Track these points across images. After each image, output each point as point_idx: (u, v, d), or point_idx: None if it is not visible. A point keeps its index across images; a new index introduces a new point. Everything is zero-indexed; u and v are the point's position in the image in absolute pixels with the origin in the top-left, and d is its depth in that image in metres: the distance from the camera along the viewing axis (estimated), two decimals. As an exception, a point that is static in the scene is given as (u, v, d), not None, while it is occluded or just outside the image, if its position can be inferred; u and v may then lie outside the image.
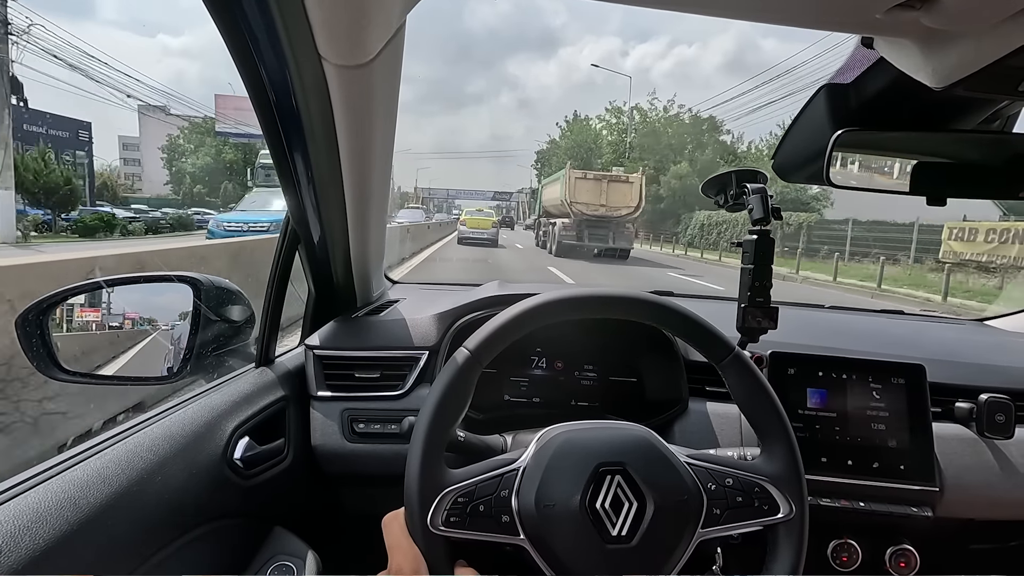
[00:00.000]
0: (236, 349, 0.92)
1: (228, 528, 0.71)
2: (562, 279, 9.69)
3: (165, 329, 0.91)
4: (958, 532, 0.94)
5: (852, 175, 0.79)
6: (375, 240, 0.99)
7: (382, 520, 0.54)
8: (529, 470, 0.55)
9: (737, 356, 0.59)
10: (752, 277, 0.80)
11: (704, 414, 0.91)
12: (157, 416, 0.70)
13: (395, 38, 0.60)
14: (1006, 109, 0.67)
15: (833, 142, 0.66)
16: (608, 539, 0.52)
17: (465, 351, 0.57)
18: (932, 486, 0.84)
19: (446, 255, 15.36)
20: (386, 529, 0.53)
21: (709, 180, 0.88)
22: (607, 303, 0.61)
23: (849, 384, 0.88)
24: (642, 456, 0.56)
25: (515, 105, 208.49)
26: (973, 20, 0.46)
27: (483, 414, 0.95)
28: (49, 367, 0.77)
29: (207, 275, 0.88)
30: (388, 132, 0.79)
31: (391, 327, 1.01)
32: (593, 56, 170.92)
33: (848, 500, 0.83)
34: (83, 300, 0.89)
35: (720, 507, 0.55)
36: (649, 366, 0.99)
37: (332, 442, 0.91)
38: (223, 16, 0.55)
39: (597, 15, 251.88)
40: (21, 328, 0.75)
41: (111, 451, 0.59)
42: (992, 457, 0.88)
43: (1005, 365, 1.02)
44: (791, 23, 0.56)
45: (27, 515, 0.48)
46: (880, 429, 0.86)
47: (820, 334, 1.14)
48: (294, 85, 0.62)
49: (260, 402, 0.83)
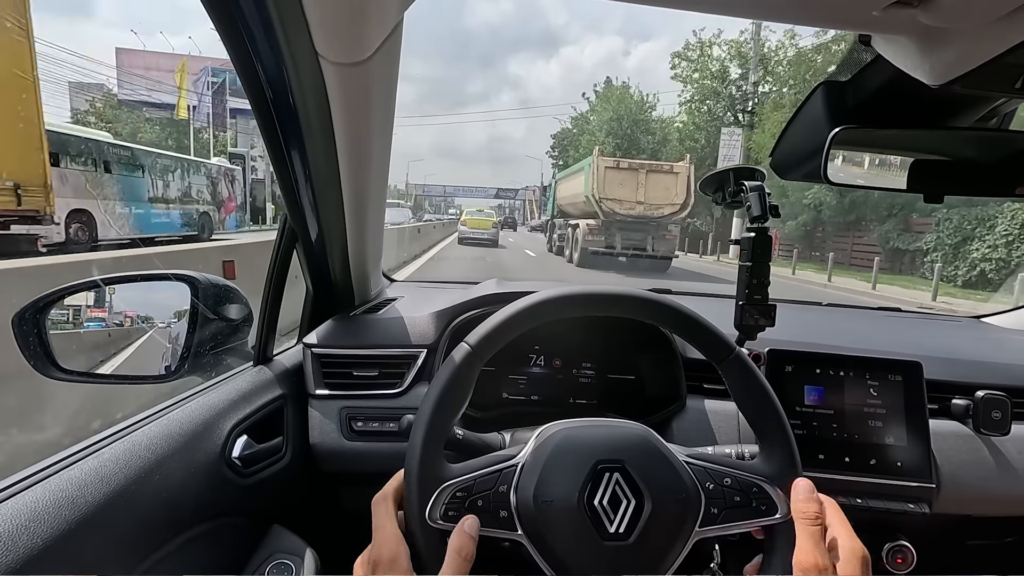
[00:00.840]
0: (234, 347, 0.92)
1: (226, 526, 0.71)
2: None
3: (162, 327, 0.91)
4: (955, 528, 0.94)
5: (849, 172, 0.79)
6: (373, 238, 0.99)
7: (372, 499, 0.54)
8: (528, 466, 0.55)
9: (738, 356, 0.59)
10: (750, 275, 0.80)
11: (702, 411, 0.92)
12: (155, 415, 0.70)
13: (392, 35, 0.60)
14: (1003, 106, 0.67)
15: (831, 139, 0.66)
16: (605, 536, 0.52)
17: (466, 346, 0.56)
18: (929, 483, 0.84)
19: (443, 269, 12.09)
20: (374, 509, 0.53)
21: (707, 178, 0.88)
22: (608, 301, 0.61)
23: (846, 381, 0.89)
24: (641, 454, 0.56)
25: (516, 104, 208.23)
26: (970, 17, 0.46)
27: (481, 412, 0.95)
28: (46, 366, 0.77)
29: (204, 273, 0.88)
30: (386, 130, 0.79)
31: (389, 325, 1.01)
32: (595, 56, 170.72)
33: (845, 497, 0.83)
34: (81, 298, 0.89)
35: (718, 507, 0.55)
36: (647, 364, 1.00)
37: (330, 440, 0.91)
38: (220, 14, 0.55)
39: (598, 14, 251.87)
40: (18, 327, 0.75)
41: (109, 450, 0.59)
42: (988, 454, 0.89)
43: (1002, 362, 1.02)
44: (789, 20, 0.56)
45: (25, 514, 0.48)
46: (877, 426, 0.87)
47: (817, 331, 1.14)
48: (291, 83, 0.62)
49: (258, 400, 0.83)
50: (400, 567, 0.47)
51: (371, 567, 0.48)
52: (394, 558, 0.47)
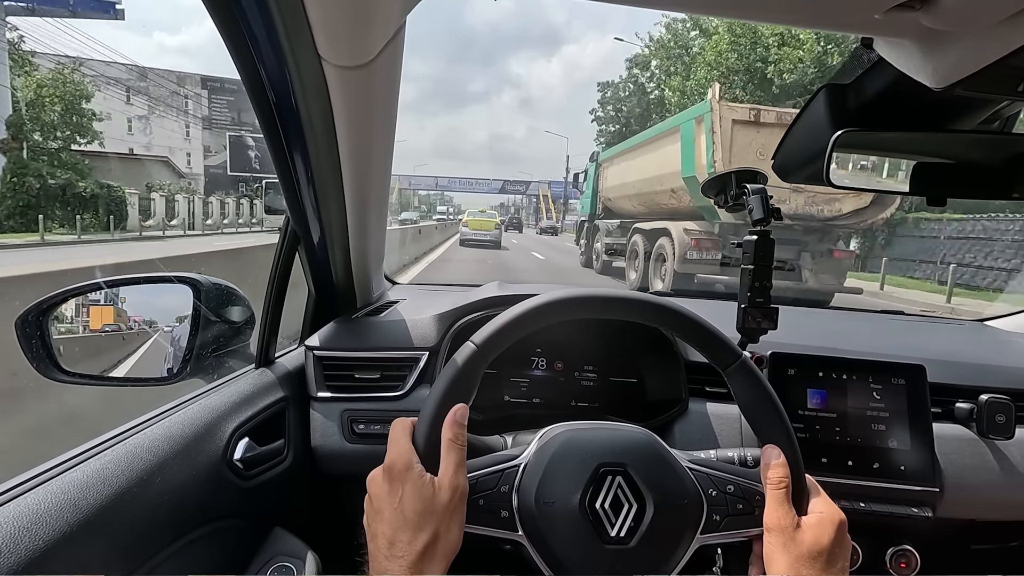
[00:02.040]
0: (236, 350, 0.92)
1: (228, 529, 0.71)
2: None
3: (166, 331, 0.91)
4: (959, 533, 0.94)
5: (852, 175, 0.79)
6: (375, 240, 0.99)
7: (392, 423, 0.57)
8: (530, 467, 0.55)
9: (744, 363, 0.59)
10: (752, 278, 0.80)
11: (704, 415, 0.91)
12: (157, 417, 0.70)
13: (395, 39, 0.60)
14: (1005, 109, 0.67)
15: (833, 142, 0.66)
16: (606, 539, 0.52)
17: (471, 345, 0.56)
18: (932, 487, 0.84)
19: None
20: (392, 429, 0.56)
21: (709, 181, 0.88)
22: (613, 304, 0.61)
23: (849, 384, 0.88)
24: (643, 458, 0.56)
25: (517, 104, 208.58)
26: (972, 21, 0.46)
27: (483, 414, 0.95)
28: (49, 368, 0.77)
29: (207, 276, 0.88)
30: (388, 132, 0.79)
31: (391, 328, 1.01)
32: (596, 54, 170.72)
33: (848, 501, 0.83)
34: (84, 301, 0.89)
35: (720, 513, 0.55)
36: (649, 367, 0.99)
37: (332, 443, 0.91)
38: (223, 17, 0.55)
39: (599, 13, 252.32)
40: (21, 329, 0.75)
41: (111, 452, 0.59)
42: (993, 458, 0.88)
43: (1005, 365, 1.02)
44: (791, 23, 0.57)
45: (27, 516, 0.48)
46: (880, 430, 0.86)
47: (820, 334, 1.14)
48: (294, 86, 0.62)
49: (260, 403, 0.83)
50: (415, 470, 0.51)
51: (387, 474, 0.53)
52: (409, 463, 0.52)
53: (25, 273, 2.43)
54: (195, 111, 37.06)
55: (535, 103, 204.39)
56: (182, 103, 36.54)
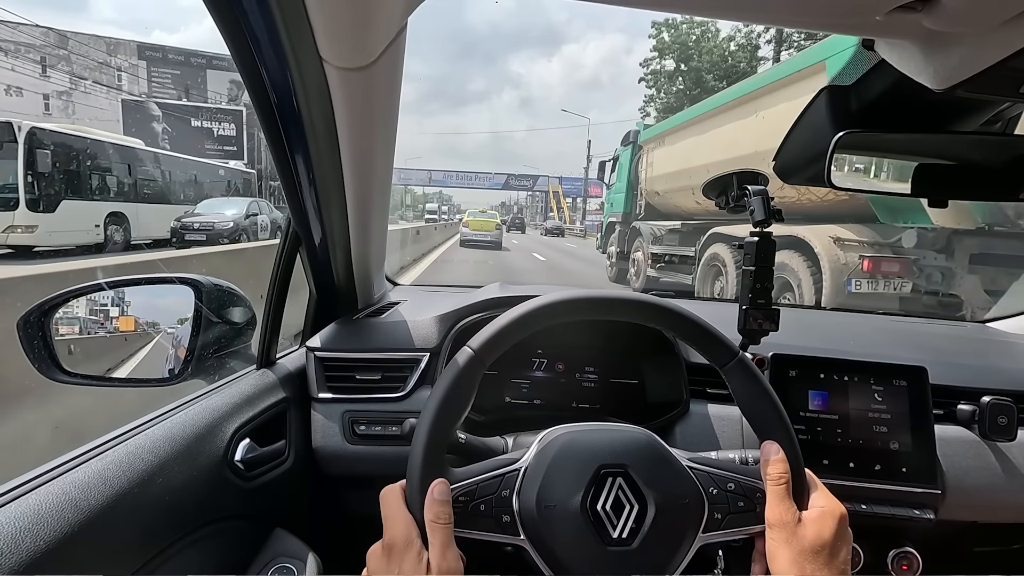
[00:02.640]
0: (237, 351, 0.92)
1: (229, 530, 0.71)
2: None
3: (168, 332, 0.91)
4: (961, 535, 0.93)
5: (854, 176, 0.79)
6: (376, 242, 1.00)
7: (380, 492, 0.54)
8: (531, 470, 0.55)
9: (741, 361, 0.59)
10: (753, 279, 0.80)
11: (705, 416, 0.91)
12: (158, 418, 0.70)
13: (396, 40, 0.60)
14: (1007, 111, 0.67)
15: (834, 144, 0.66)
16: (608, 541, 0.52)
17: (469, 350, 0.56)
18: (934, 488, 0.84)
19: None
20: (383, 501, 0.54)
21: (710, 182, 0.88)
22: (611, 305, 0.61)
23: (851, 386, 0.88)
24: (644, 459, 0.56)
25: (518, 103, 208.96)
26: (974, 22, 0.46)
27: (484, 416, 0.95)
28: (50, 368, 0.77)
29: (208, 277, 0.88)
30: (389, 134, 0.79)
31: (392, 329, 1.01)
32: (597, 54, 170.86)
33: (850, 503, 0.82)
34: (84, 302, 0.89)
35: (721, 512, 0.55)
36: (650, 368, 0.99)
37: (333, 444, 0.91)
38: (225, 18, 0.55)
39: (599, 12, 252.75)
40: (23, 330, 0.75)
41: (112, 453, 0.59)
42: (995, 460, 0.88)
43: (1007, 367, 1.02)
44: (791, 25, 0.57)
45: (28, 517, 0.48)
46: (882, 431, 0.86)
47: (822, 336, 1.14)
48: (296, 88, 0.62)
49: (261, 404, 0.83)
50: (415, 548, 0.49)
51: (387, 551, 0.50)
52: (409, 540, 0.49)
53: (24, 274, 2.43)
54: (130, 87, 29.13)
55: (535, 103, 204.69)
56: (114, 77, 28.79)
